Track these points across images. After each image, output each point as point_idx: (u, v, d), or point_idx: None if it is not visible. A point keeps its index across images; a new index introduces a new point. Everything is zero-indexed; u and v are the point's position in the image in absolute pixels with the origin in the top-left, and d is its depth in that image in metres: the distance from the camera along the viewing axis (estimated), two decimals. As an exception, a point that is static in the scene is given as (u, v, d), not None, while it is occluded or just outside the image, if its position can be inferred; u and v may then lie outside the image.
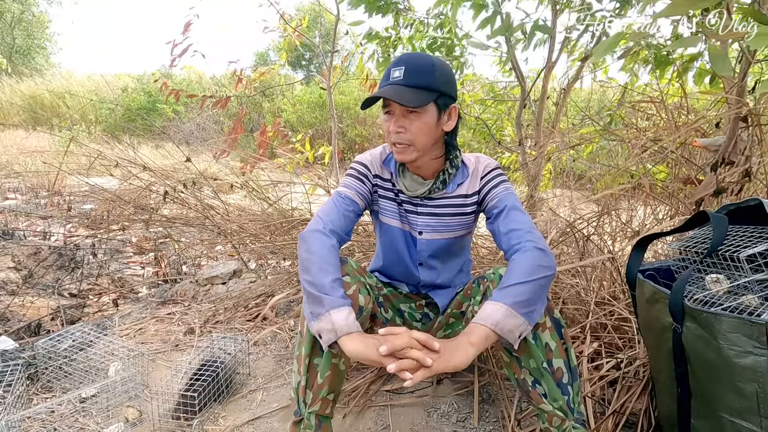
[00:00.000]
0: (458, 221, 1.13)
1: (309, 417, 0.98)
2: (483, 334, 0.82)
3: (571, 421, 0.91)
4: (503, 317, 0.82)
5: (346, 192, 1.10)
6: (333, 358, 0.98)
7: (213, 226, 2.68)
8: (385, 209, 1.17)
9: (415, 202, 1.12)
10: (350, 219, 1.08)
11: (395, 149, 1.03)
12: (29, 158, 5.93)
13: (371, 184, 1.14)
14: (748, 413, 0.75)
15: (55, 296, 2.22)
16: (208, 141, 8.54)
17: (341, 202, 1.08)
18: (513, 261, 0.91)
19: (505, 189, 1.06)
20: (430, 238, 1.14)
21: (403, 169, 1.12)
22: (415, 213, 1.13)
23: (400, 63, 0.98)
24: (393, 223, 1.17)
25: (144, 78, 11.83)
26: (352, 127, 9.27)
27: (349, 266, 1.06)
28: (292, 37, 3.64)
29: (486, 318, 0.83)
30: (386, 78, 1.00)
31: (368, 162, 1.15)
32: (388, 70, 1.00)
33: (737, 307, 0.80)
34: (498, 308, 0.83)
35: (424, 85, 0.97)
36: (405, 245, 1.18)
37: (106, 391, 1.35)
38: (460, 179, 1.10)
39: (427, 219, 1.13)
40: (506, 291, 0.85)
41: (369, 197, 1.14)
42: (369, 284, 1.12)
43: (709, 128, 2.02)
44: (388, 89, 0.97)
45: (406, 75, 0.97)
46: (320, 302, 0.88)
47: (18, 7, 14.97)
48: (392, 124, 1.00)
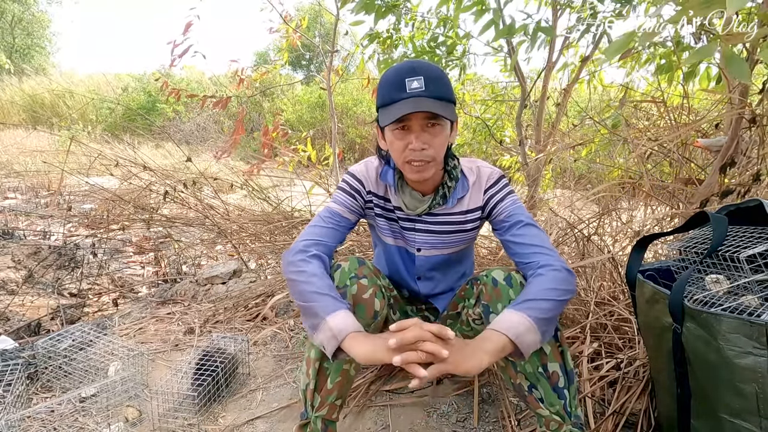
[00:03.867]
0: (458, 237, 1.08)
1: (315, 421, 0.97)
2: (501, 344, 0.78)
3: (568, 425, 0.90)
4: (526, 330, 0.79)
5: (336, 208, 1.05)
6: (344, 364, 0.97)
7: (213, 226, 2.68)
8: (380, 226, 1.12)
9: (413, 219, 1.07)
10: (340, 233, 1.04)
11: (413, 167, 0.93)
12: (29, 158, 5.93)
13: (364, 200, 1.08)
14: (747, 414, 0.75)
15: (55, 296, 2.22)
16: (208, 141, 8.54)
17: (331, 220, 1.03)
18: (538, 278, 0.88)
19: (513, 202, 1.01)
20: (428, 254, 1.11)
21: (402, 184, 1.05)
22: (413, 230, 1.08)
23: (414, 72, 0.89)
24: (389, 241, 1.14)
25: (144, 78, 11.83)
26: (353, 128, 9.28)
27: (366, 268, 1.02)
28: (293, 38, 3.64)
29: (508, 328, 0.79)
30: (400, 88, 0.89)
31: (362, 177, 1.08)
32: (399, 78, 0.90)
33: (737, 308, 0.80)
34: (523, 321, 0.80)
35: (445, 96, 0.90)
36: (402, 261, 1.15)
37: (106, 390, 1.35)
38: (460, 193, 1.04)
39: (425, 236, 1.08)
40: (532, 304, 0.82)
41: (361, 211, 1.09)
42: (383, 286, 1.09)
43: (710, 129, 2.02)
44: (423, 102, 0.87)
45: (428, 85, 0.88)
46: (314, 312, 0.85)
47: (18, 7, 14.97)
48: (413, 140, 0.91)
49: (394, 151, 0.95)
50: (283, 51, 3.80)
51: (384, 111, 0.92)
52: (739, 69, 0.88)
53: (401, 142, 0.92)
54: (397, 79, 0.90)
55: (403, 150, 0.92)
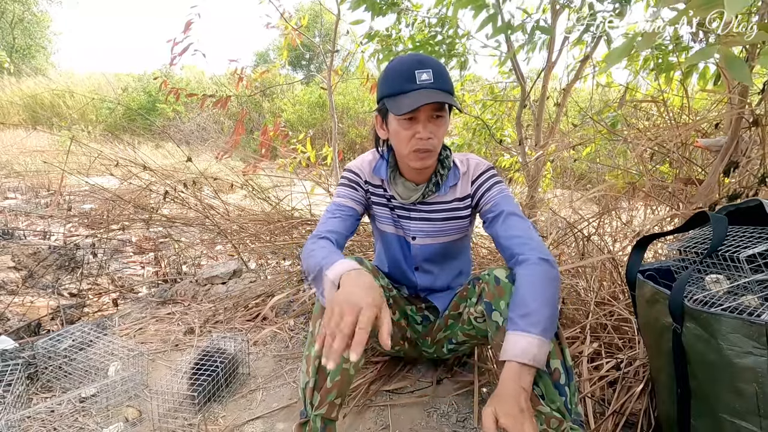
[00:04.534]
0: (452, 225, 1.11)
1: (315, 419, 0.98)
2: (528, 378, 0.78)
3: (568, 422, 0.91)
4: (538, 349, 0.80)
5: (341, 201, 1.09)
6: (344, 363, 0.96)
7: (213, 226, 2.68)
8: (379, 215, 1.16)
9: (408, 207, 1.11)
10: (350, 222, 1.07)
11: (419, 156, 0.97)
12: (29, 158, 5.93)
13: (364, 190, 1.13)
14: (747, 413, 0.75)
15: (55, 296, 2.22)
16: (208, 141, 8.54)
17: (338, 211, 1.07)
18: (522, 277, 0.89)
19: (500, 191, 1.04)
20: (423, 243, 1.13)
21: (395, 175, 1.09)
22: (408, 218, 1.12)
23: (423, 65, 0.92)
24: (387, 229, 1.16)
25: (144, 77, 11.84)
26: (353, 128, 9.28)
27: (365, 267, 1.04)
28: (292, 36, 3.64)
29: (522, 355, 0.79)
30: (410, 79, 0.92)
31: (358, 169, 1.13)
32: (408, 70, 0.93)
33: (737, 308, 0.80)
34: (531, 341, 0.80)
35: (450, 89, 0.94)
36: (400, 250, 1.17)
37: (106, 390, 1.35)
38: (452, 181, 1.08)
39: (420, 224, 1.11)
40: (532, 319, 0.82)
41: (365, 201, 1.13)
42: (382, 285, 1.11)
43: (710, 129, 2.02)
44: (435, 94, 0.91)
45: (436, 78, 0.92)
46: (319, 276, 0.87)
47: (18, 7, 14.97)
48: (421, 130, 0.95)
49: (399, 140, 0.98)
50: (282, 50, 3.80)
51: (393, 101, 0.94)
52: (739, 70, 0.87)
53: (408, 131, 0.96)
54: (407, 71, 0.93)
55: (410, 139, 0.96)
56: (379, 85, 1.00)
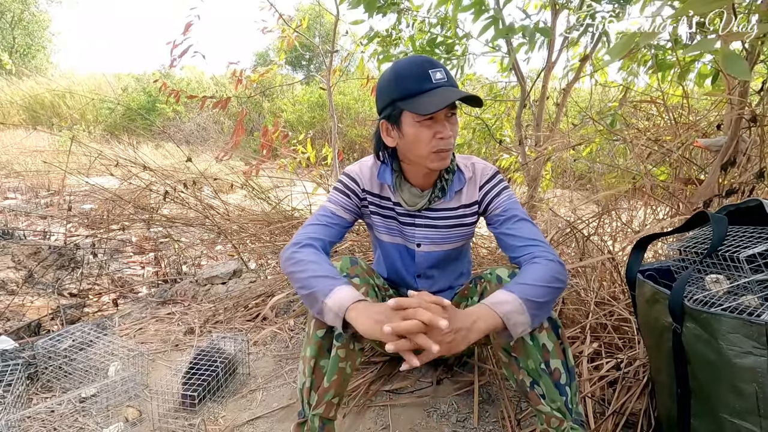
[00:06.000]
0: (458, 232, 1.10)
1: (313, 419, 0.97)
2: (492, 323, 0.80)
3: (569, 422, 0.91)
4: (513, 310, 0.81)
5: (330, 207, 1.08)
6: (340, 362, 0.96)
7: (213, 226, 2.68)
8: (377, 225, 1.13)
9: (413, 214, 1.09)
10: (336, 230, 1.06)
11: (440, 156, 0.95)
12: (29, 158, 5.93)
13: (359, 198, 1.10)
14: (747, 413, 0.75)
15: (55, 296, 2.22)
16: (208, 141, 8.55)
17: (325, 218, 1.06)
18: (532, 265, 0.90)
19: (508, 197, 1.04)
20: (428, 250, 1.12)
21: (401, 181, 1.07)
22: (413, 225, 1.10)
23: (434, 64, 0.92)
24: (387, 239, 1.15)
25: (144, 78, 11.85)
26: (352, 128, 9.27)
27: (359, 267, 1.04)
28: (290, 37, 3.64)
29: (497, 304, 0.81)
30: (425, 79, 0.90)
31: (356, 175, 1.10)
32: (421, 70, 0.91)
33: (737, 308, 0.80)
34: (511, 300, 0.82)
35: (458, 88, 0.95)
36: (401, 259, 1.16)
37: (106, 390, 1.35)
38: (457, 186, 1.06)
39: (425, 231, 1.10)
40: (523, 287, 0.84)
41: (357, 210, 1.11)
42: (377, 285, 1.11)
43: (710, 129, 2.02)
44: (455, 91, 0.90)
45: (448, 77, 0.92)
46: (315, 298, 0.88)
47: (18, 6, 14.97)
48: (441, 129, 0.93)
49: (419, 142, 0.95)
50: (280, 51, 3.80)
51: (411, 102, 0.91)
52: (737, 66, 0.87)
53: (429, 131, 0.93)
54: (420, 71, 0.91)
55: (431, 140, 0.94)
56: (384, 90, 0.96)
